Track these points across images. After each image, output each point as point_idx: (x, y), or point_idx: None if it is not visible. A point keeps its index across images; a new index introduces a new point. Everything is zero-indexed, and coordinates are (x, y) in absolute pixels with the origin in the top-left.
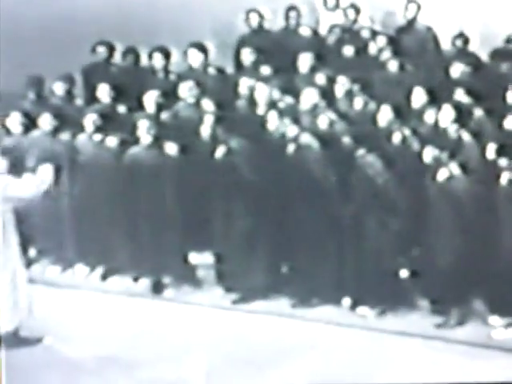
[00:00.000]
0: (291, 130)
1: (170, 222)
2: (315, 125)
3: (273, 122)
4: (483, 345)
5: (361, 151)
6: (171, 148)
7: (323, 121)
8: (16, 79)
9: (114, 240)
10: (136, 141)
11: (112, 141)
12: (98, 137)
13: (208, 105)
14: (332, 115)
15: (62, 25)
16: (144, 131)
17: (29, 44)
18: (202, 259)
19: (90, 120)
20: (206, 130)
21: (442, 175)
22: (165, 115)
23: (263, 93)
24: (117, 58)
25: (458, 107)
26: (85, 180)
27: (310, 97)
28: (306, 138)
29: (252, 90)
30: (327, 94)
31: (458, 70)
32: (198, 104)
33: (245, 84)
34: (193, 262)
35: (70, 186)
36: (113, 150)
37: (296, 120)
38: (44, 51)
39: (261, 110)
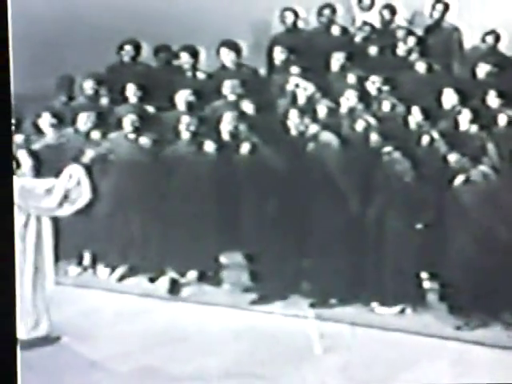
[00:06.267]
0: (312, 128)
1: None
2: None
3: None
4: (503, 346)
5: (387, 148)
6: (209, 146)
7: (360, 124)
8: (45, 80)
9: (135, 239)
10: (169, 140)
11: (145, 140)
12: (132, 136)
13: (247, 106)
14: (370, 119)
15: (88, 24)
16: (184, 129)
17: (52, 44)
18: (231, 259)
19: (129, 120)
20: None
21: (460, 179)
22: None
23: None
24: (147, 55)
25: (477, 110)
26: (116, 179)
27: (348, 99)
28: (327, 136)
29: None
30: (363, 95)
31: (483, 70)
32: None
33: (280, 82)
34: (223, 261)
35: (100, 185)
36: (147, 149)
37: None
38: (69, 51)
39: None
